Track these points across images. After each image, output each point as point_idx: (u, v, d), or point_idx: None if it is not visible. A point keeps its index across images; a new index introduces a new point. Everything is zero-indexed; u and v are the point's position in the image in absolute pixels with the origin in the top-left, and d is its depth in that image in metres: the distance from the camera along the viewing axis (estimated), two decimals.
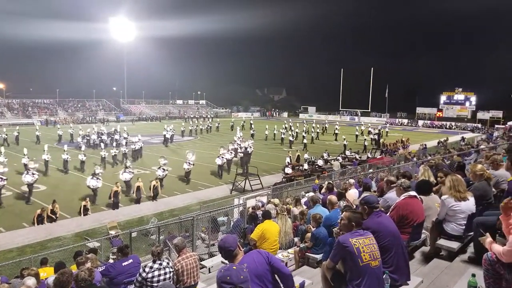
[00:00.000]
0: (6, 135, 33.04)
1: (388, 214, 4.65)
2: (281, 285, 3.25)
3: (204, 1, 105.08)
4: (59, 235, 13.55)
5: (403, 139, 33.46)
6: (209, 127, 44.94)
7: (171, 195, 18.71)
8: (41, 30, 73.06)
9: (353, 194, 8.20)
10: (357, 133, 39.33)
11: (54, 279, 4.49)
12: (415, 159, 21.27)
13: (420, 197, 5.04)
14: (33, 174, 17.13)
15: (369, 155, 27.25)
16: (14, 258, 10.87)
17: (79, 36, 74.45)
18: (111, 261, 8.55)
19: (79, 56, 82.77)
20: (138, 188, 17.17)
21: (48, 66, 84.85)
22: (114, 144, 28.80)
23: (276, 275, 3.25)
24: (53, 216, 14.71)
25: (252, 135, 37.63)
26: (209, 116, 67.34)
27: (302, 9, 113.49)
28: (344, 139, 33.00)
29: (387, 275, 3.50)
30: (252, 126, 44.36)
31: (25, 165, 17.89)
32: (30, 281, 5.63)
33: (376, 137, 36.34)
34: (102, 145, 27.28)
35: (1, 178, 16.58)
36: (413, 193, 4.92)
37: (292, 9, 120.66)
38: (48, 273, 7.35)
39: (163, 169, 19.55)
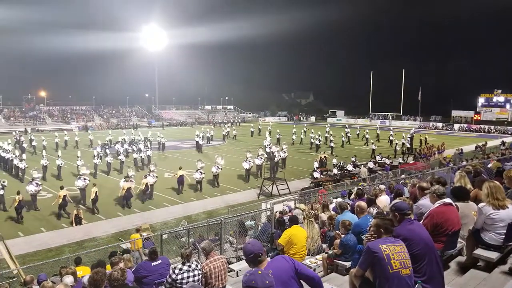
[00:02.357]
0: (43, 140, 34.47)
1: (421, 221, 4.51)
2: None
3: (232, 8, 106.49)
4: (95, 235, 14.04)
5: (426, 142, 32.24)
6: (235, 134, 44.59)
7: (200, 198, 18.98)
8: (79, 41, 76.47)
9: (384, 200, 8.00)
10: (391, 138, 38.38)
11: (88, 277, 4.66)
12: (450, 164, 20.52)
13: (456, 205, 4.85)
14: (84, 179, 17.77)
15: (402, 160, 26.53)
16: (53, 256, 11.33)
17: (114, 46, 77.15)
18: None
19: (114, 64, 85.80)
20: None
21: (85, 74, 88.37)
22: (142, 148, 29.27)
23: (305, 282, 3.21)
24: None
25: (278, 140, 37.52)
26: (236, 121, 67.78)
27: (330, 12, 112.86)
28: (373, 143, 32.39)
29: (420, 285, 3.39)
30: (278, 130, 44.22)
31: (78, 169, 18.50)
32: (69, 279, 5.87)
33: (408, 141, 35.33)
34: (135, 149, 28.11)
35: (37, 183, 17.19)
36: (448, 200, 4.74)
37: (319, 11, 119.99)
38: (84, 272, 7.65)
39: (200, 172, 20.04)
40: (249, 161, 22.79)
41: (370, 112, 72.14)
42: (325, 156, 26.04)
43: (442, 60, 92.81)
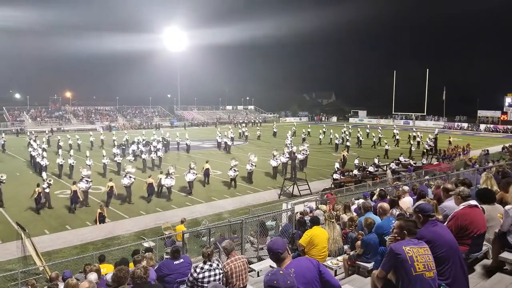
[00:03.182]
0: (69, 139, 35.48)
1: (445, 223, 4.43)
2: None
3: (252, 8, 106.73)
4: (119, 234, 14.37)
5: (450, 143, 31.41)
6: (259, 135, 44.50)
7: (221, 198, 19.13)
8: (103, 43, 78.83)
9: (407, 201, 7.87)
10: (418, 139, 37.52)
11: (112, 275, 4.79)
12: (476, 165, 19.94)
13: (481, 207, 4.74)
14: (130, 177, 18.41)
15: (425, 161, 25.97)
16: (77, 254, 11.69)
17: (137, 47, 79.02)
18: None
19: (137, 65, 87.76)
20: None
21: (109, 75, 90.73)
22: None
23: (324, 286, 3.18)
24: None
25: (304, 139, 37.44)
26: (257, 121, 67.89)
27: (352, 10, 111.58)
28: (386, 143, 32.02)
29: None
30: (303, 130, 43.96)
31: (124, 168, 19.26)
32: (93, 276, 6.05)
33: (432, 142, 34.50)
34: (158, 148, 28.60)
35: (87, 180, 17.99)
36: (473, 202, 4.64)
37: (342, 10, 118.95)
38: (107, 269, 7.85)
39: (234, 169, 20.80)
40: (276, 159, 23.01)
41: (393, 112, 70.86)
42: (344, 155, 26.05)
43: (468, 58, 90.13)
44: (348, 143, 33.55)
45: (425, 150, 30.77)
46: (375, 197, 9.40)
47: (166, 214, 16.59)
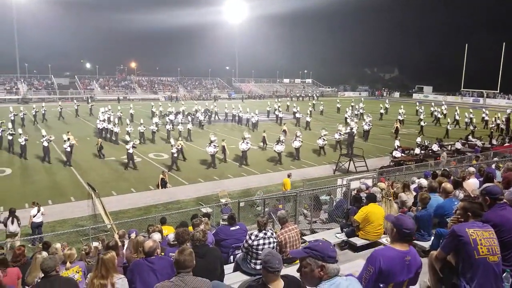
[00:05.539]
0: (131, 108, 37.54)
1: None
2: None
3: None
4: (179, 198, 15.21)
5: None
6: (322, 110, 43.12)
7: (276, 170, 19.39)
8: (166, 17, 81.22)
9: (472, 183, 7.44)
10: (487, 118, 34.68)
11: (175, 234, 5.15)
12: None
13: None
14: (214, 146, 19.68)
15: (495, 142, 24.03)
16: (141, 215, 12.60)
17: (198, 20, 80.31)
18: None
19: (198, 38, 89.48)
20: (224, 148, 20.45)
21: (171, 47, 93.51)
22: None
23: None
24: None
25: (362, 115, 36.27)
26: (314, 95, 66.55)
27: None
28: (448, 123, 30.12)
29: (508, 274, 3.18)
30: (361, 104, 42.24)
31: (210, 139, 20.31)
32: (157, 236, 6.52)
33: (503, 122, 31.72)
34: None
35: (215, 145, 19.63)
36: None
37: None
38: (168, 231, 8.39)
39: (300, 140, 21.39)
40: (324, 139, 22.64)
41: (462, 89, 65.75)
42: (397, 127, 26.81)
43: None
44: (422, 123, 31.13)
45: (492, 131, 28.46)
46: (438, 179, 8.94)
47: (223, 183, 17.21)
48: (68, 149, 19.55)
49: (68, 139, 19.87)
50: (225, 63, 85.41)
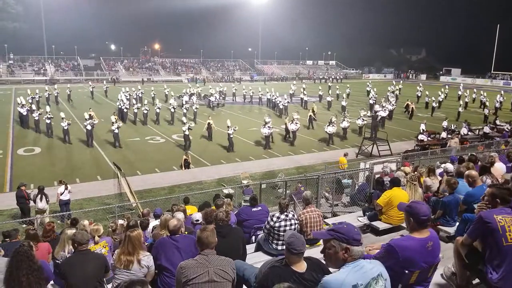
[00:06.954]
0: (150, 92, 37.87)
1: None
2: None
3: None
4: (201, 179, 15.45)
5: None
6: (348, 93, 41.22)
7: (297, 153, 19.37)
8: None
9: (499, 168, 7.20)
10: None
11: (203, 213, 5.29)
12: None
13: None
14: (269, 127, 19.98)
15: None
16: (165, 195, 12.91)
17: (221, 1, 79.44)
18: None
19: (220, 19, 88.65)
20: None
21: (194, 29, 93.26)
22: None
23: None
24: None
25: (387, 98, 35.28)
26: (338, 78, 65.29)
27: None
28: (460, 105, 29.71)
29: None
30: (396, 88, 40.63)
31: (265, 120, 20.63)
32: (180, 215, 6.66)
33: None
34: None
35: (269, 127, 19.87)
36: None
37: None
38: (192, 211, 8.58)
39: (333, 124, 21.22)
40: (333, 126, 22.14)
41: (492, 71, 62.99)
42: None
43: None
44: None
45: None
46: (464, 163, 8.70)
47: (244, 165, 17.34)
48: (89, 127, 19.52)
49: (90, 116, 20.19)
50: (247, 44, 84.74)
